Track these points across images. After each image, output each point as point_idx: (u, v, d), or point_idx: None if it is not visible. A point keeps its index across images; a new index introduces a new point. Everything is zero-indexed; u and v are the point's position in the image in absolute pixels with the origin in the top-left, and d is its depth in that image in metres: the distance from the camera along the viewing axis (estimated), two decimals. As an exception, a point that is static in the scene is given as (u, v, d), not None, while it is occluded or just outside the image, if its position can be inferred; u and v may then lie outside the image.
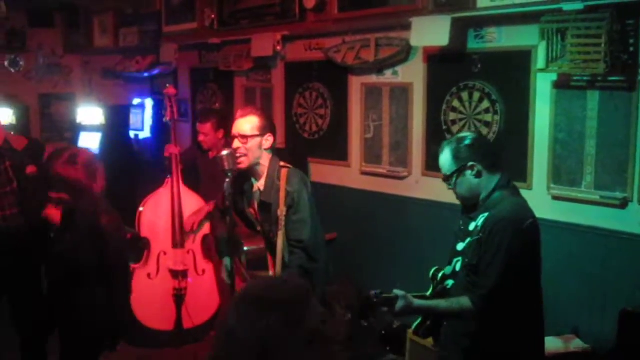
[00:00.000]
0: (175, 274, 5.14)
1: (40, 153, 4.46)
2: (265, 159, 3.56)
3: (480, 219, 2.89)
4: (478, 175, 2.91)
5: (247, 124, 3.52)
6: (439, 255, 4.75)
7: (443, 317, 3.03)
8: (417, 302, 2.90)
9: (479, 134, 3.64)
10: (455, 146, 2.94)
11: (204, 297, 5.25)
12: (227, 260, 3.65)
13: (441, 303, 2.92)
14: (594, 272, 3.98)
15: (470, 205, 3.01)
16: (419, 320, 3.16)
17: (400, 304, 2.82)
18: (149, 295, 5.11)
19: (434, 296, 3.07)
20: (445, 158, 2.96)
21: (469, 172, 2.91)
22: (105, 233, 3.49)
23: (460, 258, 2.97)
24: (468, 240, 2.93)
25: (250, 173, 3.60)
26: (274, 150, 3.62)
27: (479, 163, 2.90)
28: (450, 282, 3.02)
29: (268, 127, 3.57)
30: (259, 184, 3.57)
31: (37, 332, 4.43)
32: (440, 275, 3.09)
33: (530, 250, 2.89)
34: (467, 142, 2.95)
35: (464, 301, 2.82)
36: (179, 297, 5.13)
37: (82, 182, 3.50)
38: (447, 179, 2.98)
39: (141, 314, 5.07)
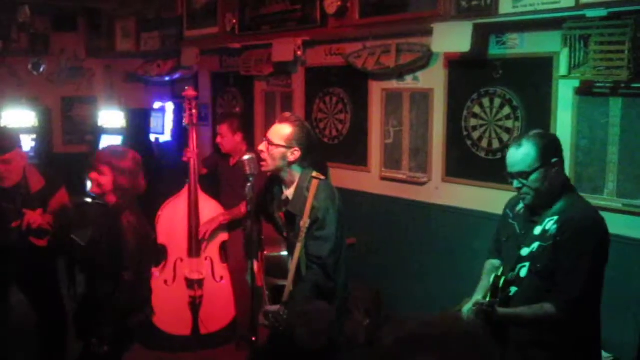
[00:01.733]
0: (190, 282, 5.14)
1: (54, 193, 4.41)
2: (291, 172, 3.44)
3: (549, 223, 2.81)
4: (559, 173, 2.85)
5: (277, 131, 3.42)
6: (458, 261, 4.76)
7: (526, 326, 2.87)
8: (501, 310, 2.78)
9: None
10: (541, 142, 2.83)
11: (221, 304, 5.25)
12: (250, 262, 3.59)
13: (525, 310, 2.80)
14: (616, 281, 3.91)
15: (532, 208, 2.92)
16: None
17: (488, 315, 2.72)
18: (166, 301, 5.12)
19: (501, 304, 2.89)
20: (527, 153, 2.82)
21: (553, 170, 2.82)
22: (123, 232, 3.50)
23: (526, 264, 2.86)
24: (537, 244, 2.83)
25: (279, 179, 3.52)
26: (302, 163, 3.45)
27: (561, 161, 2.85)
28: (513, 289, 2.90)
29: (298, 140, 3.39)
30: (288, 192, 3.47)
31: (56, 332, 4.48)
32: (502, 282, 2.93)
33: (607, 255, 2.85)
34: (550, 138, 2.89)
35: (548, 307, 2.73)
36: (195, 305, 5.13)
37: (126, 180, 3.56)
38: (525, 175, 2.84)
39: (158, 318, 5.06)
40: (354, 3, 5.25)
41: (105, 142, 7.62)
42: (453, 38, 4.45)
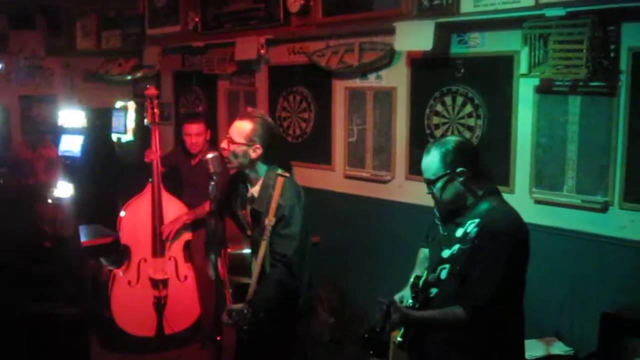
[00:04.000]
0: (155, 282, 5.10)
1: None
2: (256, 169, 3.39)
3: (470, 226, 2.77)
4: (466, 182, 2.78)
5: (238, 128, 3.35)
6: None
7: (438, 329, 2.85)
8: (414, 314, 2.77)
9: (464, 139, 3.33)
10: (444, 150, 2.78)
11: (186, 303, 5.21)
12: (212, 257, 3.53)
13: (437, 314, 2.78)
14: (575, 276, 4.01)
15: (450, 211, 2.89)
16: (402, 331, 2.94)
17: (395, 317, 2.71)
18: (129, 302, 5.08)
19: (421, 305, 2.88)
20: (432, 161, 2.80)
21: (457, 179, 2.77)
22: (36, 218, 3.54)
23: (446, 266, 2.82)
24: (457, 247, 2.79)
25: (244, 176, 3.48)
26: (265, 159, 3.38)
27: (467, 169, 2.78)
28: (434, 290, 2.87)
29: (259, 137, 3.32)
30: (254, 190, 3.43)
31: None
32: (421, 282, 2.91)
33: (526, 260, 2.81)
34: (456, 146, 2.80)
35: (459, 312, 2.71)
36: (160, 305, 5.09)
37: (34, 168, 3.60)
38: (431, 182, 2.82)
39: (122, 320, 5.06)
40: (317, 1, 5.26)
41: (66, 141, 7.53)
42: (415, 37, 4.49)
